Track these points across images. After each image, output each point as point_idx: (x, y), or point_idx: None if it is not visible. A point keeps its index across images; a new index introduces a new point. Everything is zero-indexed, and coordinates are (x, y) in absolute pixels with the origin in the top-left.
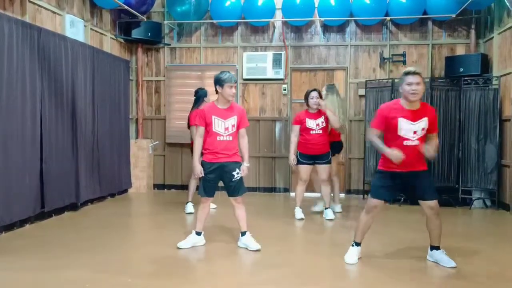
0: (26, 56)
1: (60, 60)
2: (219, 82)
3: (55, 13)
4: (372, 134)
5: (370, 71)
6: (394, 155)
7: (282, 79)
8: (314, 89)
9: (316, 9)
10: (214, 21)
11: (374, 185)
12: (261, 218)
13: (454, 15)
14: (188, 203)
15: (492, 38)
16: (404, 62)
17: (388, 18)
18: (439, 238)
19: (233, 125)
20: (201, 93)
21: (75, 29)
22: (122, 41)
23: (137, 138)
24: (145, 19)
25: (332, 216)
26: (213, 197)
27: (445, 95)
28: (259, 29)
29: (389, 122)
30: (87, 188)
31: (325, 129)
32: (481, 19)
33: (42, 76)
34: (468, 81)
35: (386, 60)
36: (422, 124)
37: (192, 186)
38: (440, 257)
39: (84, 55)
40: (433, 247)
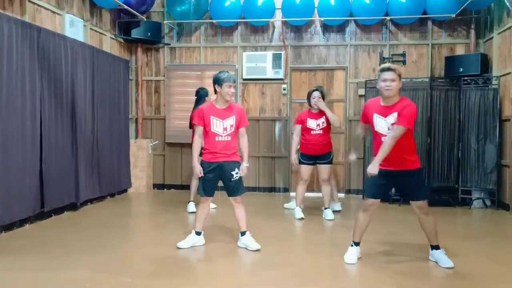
0: (26, 56)
1: (60, 60)
2: (217, 82)
3: (54, 12)
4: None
5: (370, 71)
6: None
7: (282, 79)
8: (316, 89)
9: (316, 9)
10: (213, 21)
11: (367, 183)
12: (261, 218)
13: (454, 15)
14: (190, 202)
15: (492, 38)
16: (404, 62)
17: (388, 18)
18: (436, 237)
19: (231, 125)
20: (202, 92)
21: (75, 29)
22: (121, 40)
23: (136, 138)
24: (144, 19)
25: (331, 216)
26: (213, 196)
27: (444, 95)
28: (259, 29)
29: (368, 117)
30: (86, 188)
31: (326, 129)
32: (481, 19)
33: (41, 76)
34: (468, 81)
35: (386, 60)
36: (392, 119)
37: (194, 185)
38: (439, 256)
39: (83, 55)
40: (433, 247)
